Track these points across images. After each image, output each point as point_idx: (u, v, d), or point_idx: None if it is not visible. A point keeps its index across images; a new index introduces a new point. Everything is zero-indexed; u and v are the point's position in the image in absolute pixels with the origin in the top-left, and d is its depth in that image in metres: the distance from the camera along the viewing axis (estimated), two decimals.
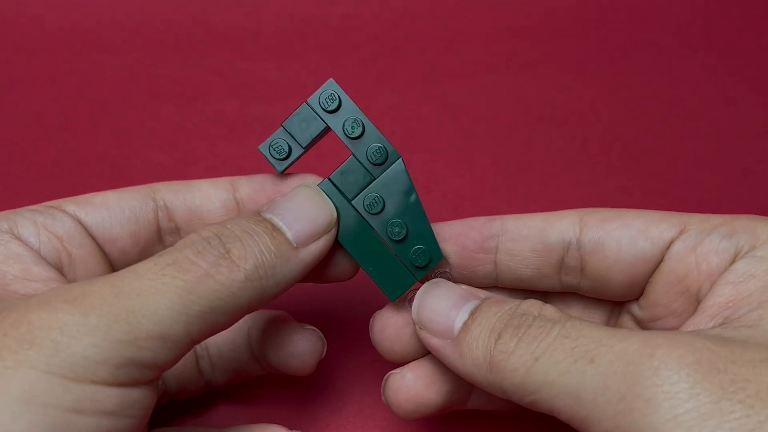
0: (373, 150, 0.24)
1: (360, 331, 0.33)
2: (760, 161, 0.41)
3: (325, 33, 0.47)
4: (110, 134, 0.42)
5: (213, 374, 0.28)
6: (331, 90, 0.24)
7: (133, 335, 0.18)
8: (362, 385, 0.31)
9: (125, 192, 0.25)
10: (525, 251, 0.25)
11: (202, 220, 0.26)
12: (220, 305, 0.20)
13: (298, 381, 0.30)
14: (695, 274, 0.22)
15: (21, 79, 0.44)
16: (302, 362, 0.26)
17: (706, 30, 0.48)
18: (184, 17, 0.48)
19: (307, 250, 0.22)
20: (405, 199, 0.25)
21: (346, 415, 0.30)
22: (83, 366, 0.18)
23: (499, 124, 0.43)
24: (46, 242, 0.23)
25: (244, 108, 0.43)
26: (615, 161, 0.41)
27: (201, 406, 0.30)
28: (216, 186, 0.26)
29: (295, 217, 0.23)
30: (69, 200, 0.25)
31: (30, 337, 0.18)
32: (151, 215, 0.25)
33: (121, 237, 0.25)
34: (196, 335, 0.20)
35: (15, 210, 0.24)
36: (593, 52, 0.47)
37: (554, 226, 0.24)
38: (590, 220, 0.24)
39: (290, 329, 0.27)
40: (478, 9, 0.49)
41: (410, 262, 0.25)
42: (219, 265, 0.20)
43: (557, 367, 0.19)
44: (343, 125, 0.24)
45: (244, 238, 0.21)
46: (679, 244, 0.22)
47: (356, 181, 0.24)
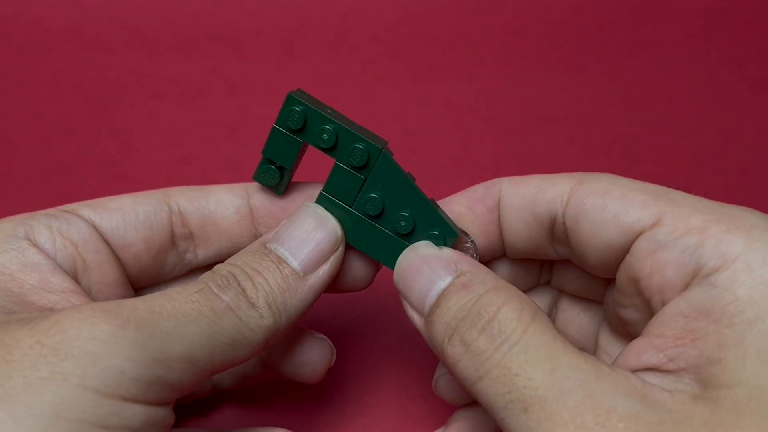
0: (353, 154, 0.23)
1: (360, 333, 0.33)
2: (760, 161, 0.41)
3: (325, 33, 0.47)
4: (110, 134, 0.42)
5: (220, 378, 0.28)
6: (292, 107, 0.23)
7: (165, 355, 0.18)
8: (362, 384, 0.31)
9: (140, 197, 0.25)
10: (518, 223, 0.24)
11: (215, 226, 0.26)
12: (240, 339, 0.20)
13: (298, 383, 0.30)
14: (647, 281, 0.20)
15: (21, 79, 0.44)
16: (312, 371, 0.27)
17: (706, 30, 0.48)
18: (184, 17, 0.47)
19: (315, 276, 0.22)
20: (401, 190, 0.23)
21: (347, 414, 0.30)
22: (116, 381, 0.18)
23: (499, 124, 0.43)
24: (61, 248, 0.23)
25: (244, 108, 0.43)
26: (615, 161, 0.41)
27: (205, 409, 0.30)
28: (230, 192, 0.26)
29: (299, 244, 0.23)
30: (84, 204, 0.24)
31: (66, 347, 0.17)
32: (165, 220, 0.25)
33: (135, 242, 0.24)
34: (217, 365, 0.20)
35: (30, 214, 0.23)
36: (593, 52, 0.47)
37: (545, 195, 0.23)
38: (579, 191, 0.22)
39: (301, 338, 0.27)
40: (478, 9, 0.49)
41: None
42: (239, 301, 0.21)
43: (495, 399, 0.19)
44: (315, 138, 0.23)
45: (253, 277, 0.22)
46: (642, 242, 0.21)
47: (348, 186, 0.24)
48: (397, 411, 0.30)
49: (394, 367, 0.32)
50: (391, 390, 0.31)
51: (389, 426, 0.30)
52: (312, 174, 0.27)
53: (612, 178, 0.22)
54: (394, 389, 0.31)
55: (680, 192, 0.22)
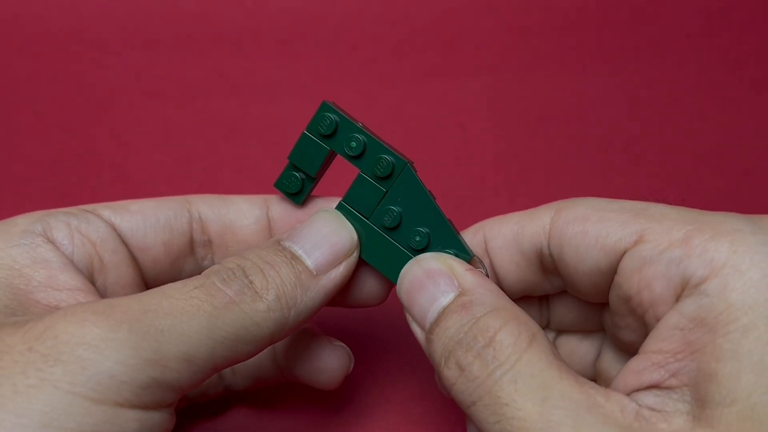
0: (379, 164, 0.24)
1: (360, 333, 0.33)
2: (760, 161, 0.41)
3: (325, 33, 0.47)
4: (110, 134, 0.42)
5: (234, 379, 0.28)
6: (325, 113, 0.24)
7: (160, 355, 0.18)
8: (362, 385, 0.31)
9: (161, 201, 0.25)
10: (506, 264, 0.24)
11: (234, 235, 0.25)
12: (244, 334, 0.20)
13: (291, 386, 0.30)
14: (637, 299, 0.20)
15: (21, 79, 0.44)
16: (330, 378, 0.26)
17: (706, 30, 0.48)
18: (184, 17, 0.47)
19: (327, 277, 0.22)
20: (420, 206, 0.24)
21: (347, 415, 0.30)
22: (108, 386, 0.17)
23: (499, 124, 0.43)
24: (79, 246, 0.23)
25: (244, 108, 0.43)
26: (615, 161, 0.41)
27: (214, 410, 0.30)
28: (250, 202, 0.26)
29: (314, 244, 0.22)
30: (105, 205, 0.24)
31: (56, 353, 0.17)
32: (186, 226, 0.25)
33: (154, 245, 0.24)
34: (219, 362, 0.20)
35: (49, 211, 0.23)
36: (593, 52, 0.47)
37: (526, 231, 0.23)
38: (559, 220, 0.22)
39: (318, 344, 0.27)
40: (478, 9, 0.49)
41: None
42: (244, 294, 0.20)
43: (487, 426, 0.19)
44: (344, 145, 0.24)
45: (265, 269, 0.21)
46: (627, 261, 0.20)
47: (369, 197, 0.24)
48: (397, 411, 0.30)
49: (394, 367, 0.32)
50: (391, 390, 0.31)
51: (389, 426, 0.30)
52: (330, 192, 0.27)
53: (590, 202, 0.22)
54: (394, 389, 0.31)
55: (660, 205, 0.21)
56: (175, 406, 0.20)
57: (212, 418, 0.30)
